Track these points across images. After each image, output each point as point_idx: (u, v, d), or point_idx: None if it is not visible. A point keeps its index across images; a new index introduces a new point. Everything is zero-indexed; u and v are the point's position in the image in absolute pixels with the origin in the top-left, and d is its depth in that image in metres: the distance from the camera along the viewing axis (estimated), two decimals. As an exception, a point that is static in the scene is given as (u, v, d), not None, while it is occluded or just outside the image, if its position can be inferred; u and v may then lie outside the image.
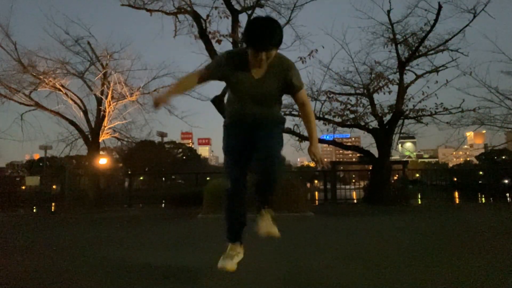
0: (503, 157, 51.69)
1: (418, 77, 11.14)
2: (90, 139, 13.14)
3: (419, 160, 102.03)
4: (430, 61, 11.27)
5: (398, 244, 3.85)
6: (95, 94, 13.30)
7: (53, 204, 13.10)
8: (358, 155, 13.67)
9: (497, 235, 4.32)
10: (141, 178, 25.98)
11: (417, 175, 18.41)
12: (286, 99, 12.64)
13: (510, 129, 13.41)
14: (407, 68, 11.06)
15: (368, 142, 13.68)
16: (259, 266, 2.82)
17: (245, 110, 2.38)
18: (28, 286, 2.45)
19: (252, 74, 2.28)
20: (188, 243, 4.18)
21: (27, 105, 12.92)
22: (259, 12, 10.01)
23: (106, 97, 13.02)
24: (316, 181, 51.92)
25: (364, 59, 14.18)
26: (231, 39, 9.24)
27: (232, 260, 2.38)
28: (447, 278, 2.41)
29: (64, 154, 15.35)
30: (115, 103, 13.38)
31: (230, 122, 2.49)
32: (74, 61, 13.98)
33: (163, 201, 13.13)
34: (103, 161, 14.64)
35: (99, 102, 13.28)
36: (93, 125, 13.19)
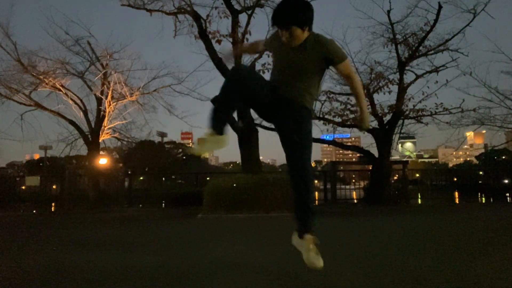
0: (503, 157, 51.65)
1: (418, 77, 11.15)
2: (90, 139, 13.14)
3: (419, 160, 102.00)
4: (430, 61, 11.29)
5: (398, 244, 3.85)
6: (95, 94, 13.31)
7: (53, 204, 13.11)
8: (358, 155, 13.68)
9: (497, 235, 4.32)
10: (141, 178, 25.94)
11: (417, 175, 18.42)
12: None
13: (510, 129, 13.41)
14: (407, 68, 11.07)
15: (368, 142, 13.70)
16: (259, 266, 2.82)
17: (280, 78, 2.40)
18: (27, 285, 2.45)
19: (287, 46, 2.34)
20: (188, 243, 4.18)
21: (27, 105, 12.92)
22: (259, 12, 10.03)
23: (106, 97, 13.02)
24: (316, 181, 51.89)
25: (364, 59, 14.23)
26: (231, 39, 9.24)
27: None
28: (448, 277, 2.41)
29: (64, 154, 15.40)
30: (115, 103, 13.38)
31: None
32: (74, 61, 14.04)
33: (163, 201, 13.13)
34: (103, 161, 14.64)
35: (99, 102, 13.28)
36: (93, 125, 13.19)
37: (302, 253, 2.35)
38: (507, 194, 14.65)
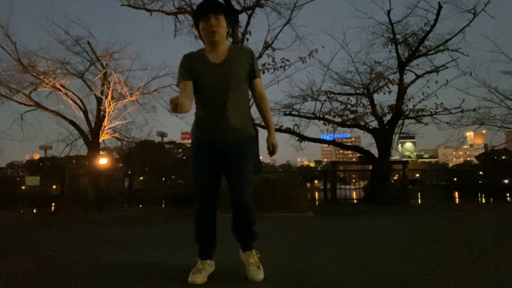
0: (503, 157, 51.68)
1: (418, 77, 11.15)
2: (90, 139, 13.12)
3: (419, 160, 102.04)
4: (430, 61, 11.30)
5: (398, 244, 3.84)
6: (95, 94, 13.29)
7: (53, 204, 13.11)
8: (358, 155, 13.68)
9: (497, 236, 4.32)
10: (141, 178, 25.98)
11: (417, 175, 18.42)
12: (286, 99, 12.72)
13: (510, 129, 13.41)
14: (407, 68, 11.07)
15: (368, 142, 13.72)
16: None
17: (215, 99, 2.29)
18: (27, 286, 2.45)
19: (211, 61, 2.31)
20: (188, 243, 4.17)
21: (27, 105, 12.90)
22: (259, 12, 10.04)
23: (106, 97, 13.00)
24: (316, 181, 51.89)
25: (364, 59, 14.23)
26: (231, 39, 9.24)
27: (201, 273, 2.39)
28: (448, 278, 2.41)
29: (64, 154, 15.34)
30: (115, 103, 13.36)
31: (198, 140, 2.42)
32: (74, 61, 13.96)
33: (163, 201, 13.13)
34: (103, 161, 14.63)
35: (99, 102, 13.26)
36: (93, 125, 13.17)
37: (246, 267, 2.46)
38: (507, 194, 14.65)
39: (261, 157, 9.64)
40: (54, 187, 15.01)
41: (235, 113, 2.31)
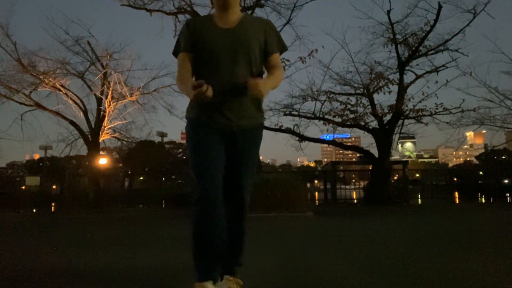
0: (503, 157, 51.70)
1: (418, 77, 11.16)
2: (90, 139, 13.14)
3: (419, 160, 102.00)
4: (430, 61, 11.32)
5: (398, 244, 3.84)
6: (95, 94, 13.31)
7: (53, 204, 13.12)
8: (358, 155, 13.71)
9: (497, 236, 4.32)
10: (141, 178, 25.97)
11: (417, 175, 18.43)
12: (286, 99, 12.72)
13: (510, 129, 13.42)
14: (407, 68, 11.08)
15: (368, 142, 13.75)
16: (259, 266, 2.82)
17: (219, 80, 1.82)
18: (27, 286, 2.44)
19: (219, 26, 1.93)
20: (188, 243, 4.17)
21: (27, 105, 12.92)
22: (259, 12, 10.04)
23: (106, 97, 13.01)
24: (316, 181, 51.89)
25: (364, 59, 14.25)
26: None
27: None
28: (447, 278, 2.41)
29: (64, 154, 15.39)
30: (115, 103, 13.38)
31: (199, 117, 1.90)
32: (74, 61, 14.00)
33: (163, 201, 13.14)
34: (103, 161, 14.65)
35: (99, 102, 13.28)
36: (93, 125, 13.19)
37: None
38: (507, 194, 14.66)
39: (261, 157, 9.62)
40: (54, 187, 15.03)
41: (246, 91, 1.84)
